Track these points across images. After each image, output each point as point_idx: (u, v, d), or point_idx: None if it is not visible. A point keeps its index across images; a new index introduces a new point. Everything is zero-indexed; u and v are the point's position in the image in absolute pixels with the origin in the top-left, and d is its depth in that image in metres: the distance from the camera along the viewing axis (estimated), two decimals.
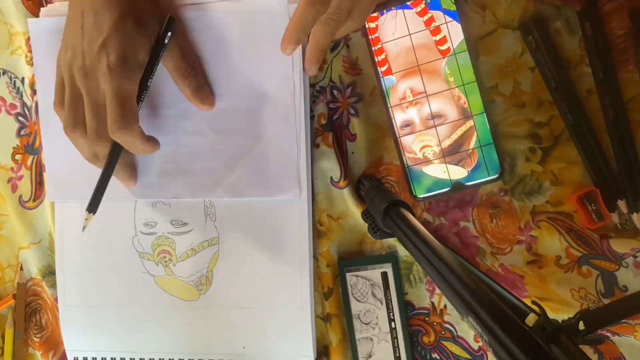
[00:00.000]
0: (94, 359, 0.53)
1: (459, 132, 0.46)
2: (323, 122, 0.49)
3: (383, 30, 0.46)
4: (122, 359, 0.53)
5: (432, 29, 0.46)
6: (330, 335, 0.50)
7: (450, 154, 0.47)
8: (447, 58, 0.46)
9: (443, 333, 0.49)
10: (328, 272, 0.50)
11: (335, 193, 0.49)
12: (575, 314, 0.35)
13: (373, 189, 0.46)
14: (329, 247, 0.50)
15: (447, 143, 0.47)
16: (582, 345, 0.32)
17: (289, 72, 0.46)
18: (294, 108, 0.47)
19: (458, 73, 0.46)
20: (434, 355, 0.50)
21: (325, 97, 0.49)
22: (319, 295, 0.50)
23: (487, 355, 0.49)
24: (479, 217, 0.48)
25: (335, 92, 0.49)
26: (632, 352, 0.45)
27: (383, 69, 0.47)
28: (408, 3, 0.45)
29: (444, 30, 0.46)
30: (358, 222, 0.49)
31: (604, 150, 0.45)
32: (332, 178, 0.49)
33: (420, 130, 0.47)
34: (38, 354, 0.55)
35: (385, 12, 0.46)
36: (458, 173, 0.47)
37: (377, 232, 0.47)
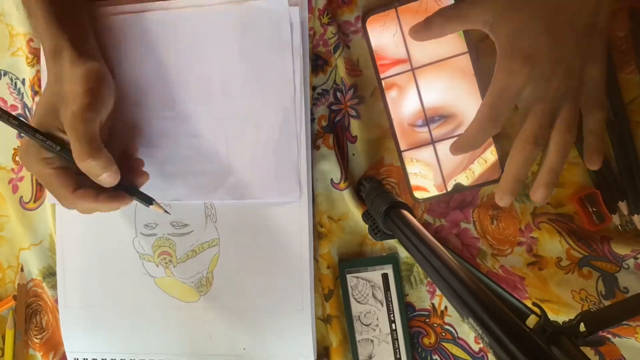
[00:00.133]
0: None
1: (459, 131, 0.46)
2: (324, 124, 0.49)
3: (384, 31, 0.46)
4: None
5: None
6: (331, 337, 0.50)
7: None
8: (448, 59, 0.46)
9: (444, 334, 0.49)
10: (328, 273, 0.50)
11: (336, 194, 0.49)
12: (576, 316, 0.35)
13: (374, 191, 0.46)
14: (330, 248, 0.50)
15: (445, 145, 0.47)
16: (582, 347, 0.32)
17: (289, 74, 0.46)
18: (294, 110, 0.47)
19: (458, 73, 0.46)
20: (435, 357, 0.50)
21: (327, 99, 0.49)
22: (320, 297, 0.50)
23: (487, 357, 0.49)
24: (480, 218, 0.48)
25: (339, 94, 0.49)
26: (633, 354, 0.45)
27: (381, 72, 0.47)
28: (409, 3, 0.45)
29: None
30: (358, 223, 0.49)
31: (605, 152, 0.45)
32: (332, 180, 0.49)
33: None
34: (38, 355, 0.55)
35: (386, 11, 0.46)
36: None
37: (377, 233, 0.47)
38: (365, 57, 0.48)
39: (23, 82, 0.54)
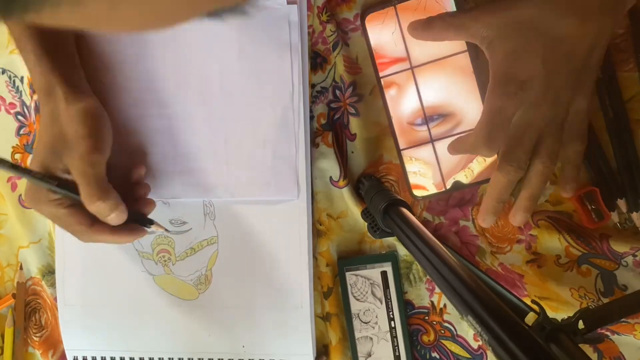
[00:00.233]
0: (94, 358, 0.53)
1: (459, 130, 0.46)
2: (323, 121, 0.49)
3: (383, 29, 0.46)
4: (121, 358, 0.53)
5: None
6: (330, 335, 0.50)
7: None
8: (447, 57, 0.46)
9: (443, 332, 0.49)
10: (328, 271, 0.50)
11: (335, 192, 0.49)
12: (575, 313, 0.35)
13: (373, 188, 0.46)
14: (329, 246, 0.50)
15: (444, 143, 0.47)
16: (581, 344, 0.32)
17: (288, 72, 0.46)
18: (293, 108, 0.47)
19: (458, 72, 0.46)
20: (434, 354, 0.50)
21: (327, 97, 0.49)
22: (319, 295, 0.50)
23: (486, 354, 0.49)
24: None
25: (338, 92, 0.49)
26: (631, 351, 0.45)
27: (381, 71, 0.47)
28: (408, 1, 0.45)
29: None
30: (358, 221, 0.49)
31: (604, 150, 0.45)
32: (331, 177, 0.49)
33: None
34: (38, 353, 0.55)
35: (385, 9, 0.46)
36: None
37: (376, 231, 0.47)
38: (365, 54, 0.48)
39: (22, 80, 0.54)
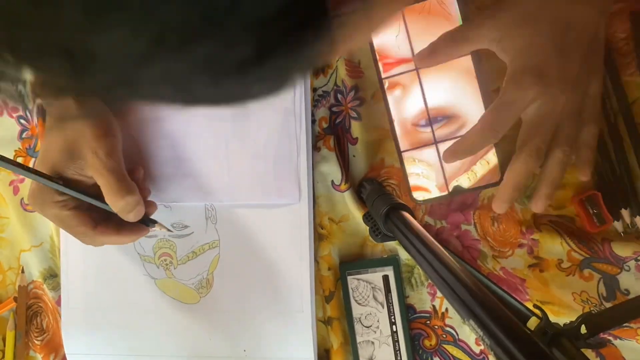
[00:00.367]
0: None
1: (462, 132, 0.46)
2: (324, 125, 0.49)
3: (386, 33, 0.46)
4: None
5: None
6: (332, 339, 0.50)
7: None
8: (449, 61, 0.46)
9: (444, 336, 0.49)
10: (329, 275, 0.50)
11: (337, 196, 0.49)
12: (577, 318, 0.35)
13: (374, 192, 0.46)
14: (330, 250, 0.50)
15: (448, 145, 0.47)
16: (584, 349, 0.32)
17: None
18: (294, 112, 0.47)
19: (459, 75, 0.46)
20: (436, 359, 0.49)
21: (328, 100, 0.49)
22: (320, 299, 0.50)
23: (488, 359, 0.49)
24: (480, 220, 0.48)
25: (339, 95, 0.49)
26: (634, 356, 0.45)
27: (385, 72, 0.47)
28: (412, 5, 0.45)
29: None
30: (359, 225, 0.49)
31: (606, 154, 0.45)
32: (333, 181, 0.49)
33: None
34: (39, 357, 0.55)
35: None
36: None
37: (378, 235, 0.47)
38: (367, 58, 0.48)
39: (24, 83, 0.54)
